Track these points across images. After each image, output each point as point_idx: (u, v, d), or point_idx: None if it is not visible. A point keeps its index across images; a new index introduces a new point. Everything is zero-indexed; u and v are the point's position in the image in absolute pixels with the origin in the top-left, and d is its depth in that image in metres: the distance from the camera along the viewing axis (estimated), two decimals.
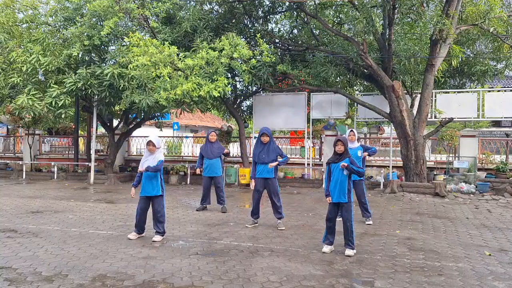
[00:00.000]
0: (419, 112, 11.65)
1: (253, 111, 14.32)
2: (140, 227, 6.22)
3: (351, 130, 7.60)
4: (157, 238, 6.08)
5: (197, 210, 8.56)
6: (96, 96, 12.33)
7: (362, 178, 7.33)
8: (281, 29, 14.89)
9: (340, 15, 14.06)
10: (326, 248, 5.53)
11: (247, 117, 16.09)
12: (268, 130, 7.05)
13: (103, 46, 12.44)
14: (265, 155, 6.92)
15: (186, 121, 28.39)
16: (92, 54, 12.38)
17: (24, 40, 12.46)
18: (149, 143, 6.11)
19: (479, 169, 12.65)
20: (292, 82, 13.33)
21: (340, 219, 5.57)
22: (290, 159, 15.43)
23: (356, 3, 11.71)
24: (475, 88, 13.55)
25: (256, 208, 7.13)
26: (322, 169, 13.22)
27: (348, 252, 5.39)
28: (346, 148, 5.55)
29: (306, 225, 7.31)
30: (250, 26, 13.84)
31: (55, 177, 14.80)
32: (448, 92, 13.18)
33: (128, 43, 11.05)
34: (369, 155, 7.72)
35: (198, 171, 8.78)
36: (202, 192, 8.68)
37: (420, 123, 11.51)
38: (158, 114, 14.25)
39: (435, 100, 12.53)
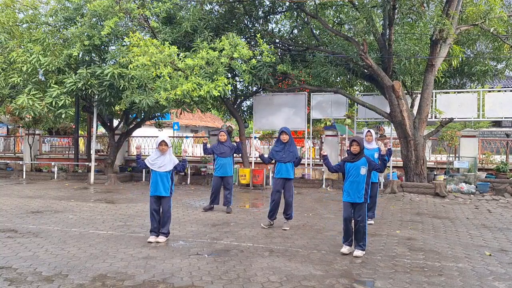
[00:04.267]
0: (419, 112, 11.65)
1: (253, 111, 14.32)
2: (157, 229, 6.09)
3: (369, 131, 7.42)
4: (162, 239, 6.04)
5: (203, 210, 8.51)
6: (96, 96, 12.33)
7: (376, 181, 7.33)
8: (281, 29, 14.91)
9: (340, 15, 14.07)
10: (345, 249, 5.47)
11: (247, 117, 16.09)
12: (288, 129, 7.05)
13: (103, 46, 12.44)
14: (285, 155, 6.89)
15: (187, 121, 28.40)
16: (92, 54, 12.39)
17: (24, 40, 12.46)
18: (162, 143, 5.96)
19: (479, 169, 12.65)
20: (292, 82, 13.33)
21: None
22: None
23: (356, 3, 11.72)
24: (475, 88, 13.54)
25: (274, 209, 7.04)
26: (323, 169, 13.23)
27: (357, 253, 5.35)
28: (362, 148, 5.46)
29: (307, 225, 7.31)
30: (250, 26, 13.85)
31: (55, 177, 14.81)
32: (448, 92, 13.18)
33: (128, 43, 11.06)
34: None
35: (206, 139, 8.96)
36: (211, 192, 8.56)
37: (420, 123, 11.51)
38: (158, 114, 14.25)
39: (435, 100, 12.53)
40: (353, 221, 5.49)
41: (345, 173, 5.55)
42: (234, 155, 8.91)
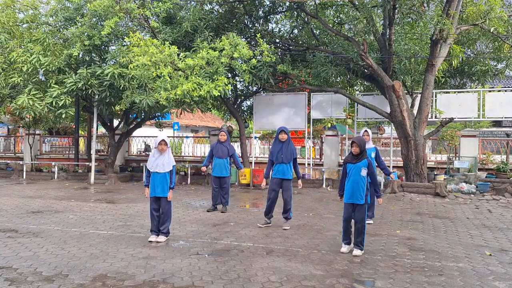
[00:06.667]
0: (419, 112, 11.64)
1: (254, 111, 14.32)
2: (157, 228, 6.10)
3: (366, 130, 7.43)
4: (162, 238, 6.05)
5: (207, 211, 8.50)
6: (97, 96, 12.33)
7: (369, 180, 7.34)
8: (282, 29, 14.91)
9: (341, 15, 14.06)
10: (344, 248, 5.51)
11: (248, 117, 16.09)
12: (286, 128, 7.05)
13: (103, 46, 12.44)
14: (283, 155, 6.86)
15: (187, 121, 28.41)
16: (93, 54, 12.38)
17: (24, 40, 12.46)
18: (162, 142, 5.91)
19: (480, 169, 12.64)
20: (293, 82, 13.33)
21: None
22: None
23: (357, 3, 11.71)
24: (476, 88, 13.53)
25: (270, 207, 7.04)
26: (323, 169, 13.24)
27: (356, 252, 5.38)
28: (363, 149, 5.42)
29: (307, 225, 7.31)
30: (250, 26, 13.85)
31: (56, 177, 14.81)
32: (449, 92, 13.17)
33: (128, 43, 11.06)
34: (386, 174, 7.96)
35: (204, 168, 8.90)
36: (212, 192, 8.65)
37: (420, 123, 11.51)
38: (159, 114, 14.26)
39: (436, 100, 12.52)
40: (352, 221, 5.52)
41: (346, 173, 5.53)
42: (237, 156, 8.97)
